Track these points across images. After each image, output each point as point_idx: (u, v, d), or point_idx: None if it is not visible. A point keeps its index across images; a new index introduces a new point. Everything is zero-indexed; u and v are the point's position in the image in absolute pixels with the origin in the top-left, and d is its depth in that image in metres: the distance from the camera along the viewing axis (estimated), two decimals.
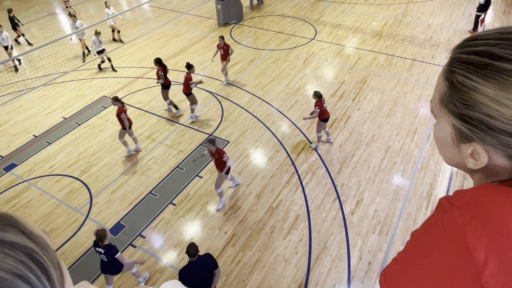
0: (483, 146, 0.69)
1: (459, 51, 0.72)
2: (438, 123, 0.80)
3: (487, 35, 0.70)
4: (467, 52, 0.70)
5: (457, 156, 0.78)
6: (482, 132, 0.68)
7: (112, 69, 11.83)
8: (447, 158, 0.83)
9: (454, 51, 0.74)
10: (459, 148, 0.75)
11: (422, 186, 7.25)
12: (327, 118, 7.91)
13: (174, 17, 15.28)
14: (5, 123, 9.80)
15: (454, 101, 0.71)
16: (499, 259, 0.60)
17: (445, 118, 0.76)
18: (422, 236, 0.73)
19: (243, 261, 6.10)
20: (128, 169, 8.03)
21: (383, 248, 6.18)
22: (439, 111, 0.77)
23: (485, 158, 0.70)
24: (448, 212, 0.68)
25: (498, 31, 0.69)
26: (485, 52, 0.67)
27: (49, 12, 17.28)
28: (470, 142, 0.71)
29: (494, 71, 0.65)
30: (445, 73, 0.74)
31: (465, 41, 0.74)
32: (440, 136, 0.80)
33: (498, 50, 0.65)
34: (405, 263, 0.73)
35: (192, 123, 9.27)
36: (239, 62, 11.81)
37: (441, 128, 0.79)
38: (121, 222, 6.89)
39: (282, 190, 7.33)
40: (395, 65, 11.19)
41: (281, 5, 16.05)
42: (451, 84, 0.71)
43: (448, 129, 0.76)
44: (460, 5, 14.93)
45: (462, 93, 0.69)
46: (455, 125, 0.73)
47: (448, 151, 0.80)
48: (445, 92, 0.73)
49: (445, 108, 0.74)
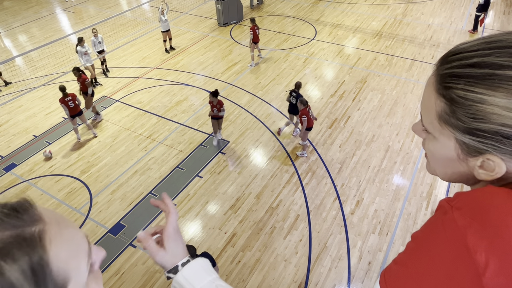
0: (500, 156, 0.67)
1: (447, 67, 0.70)
2: (435, 141, 0.77)
3: (473, 47, 0.68)
4: (460, 66, 0.68)
5: (461, 171, 0.76)
6: (497, 143, 0.66)
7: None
8: (446, 175, 0.81)
9: (440, 68, 0.72)
10: (466, 162, 0.74)
11: (422, 186, 7.25)
12: (311, 127, 7.76)
13: (174, 17, 15.28)
14: (5, 123, 9.80)
15: (459, 117, 0.68)
16: (500, 261, 0.60)
17: (446, 135, 0.73)
18: (423, 237, 0.73)
19: (243, 261, 6.10)
20: (128, 169, 8.03)
21: (383, 248, 6.18)
22: (438, 128, 0.74)
23: (503, 167, 0.68)
24: (448, 214, 0.68)
25: (484, 41, 0.68)
26: (482, 63, 0.65)
27: (49, 12, 17.28)
28: (482, 154, 0.69)
29: (500, 80, 0.63)
30: (438, 90, 0.71)
31: (449, 55, 0.72)
32: (440, 153, 0.78)
33: (496, 59, 0.64)
34: (405, 264, 0.74)
35: (192, 123, 9.27)
36: (239, 62, 11.81)
37: (440, 145, 0.76)
38: (121, 222, 6.89)
39: (282, 190, 7.33)
40: (395, 65, 11.19)
41: (281, 5, 16.06)
42: (451, 100, 0.69)
43: (450, 145, 0.74)
44: (460, 5, 14.93)
45: (467, 107, 0.67)
46: (462, 140, 0.70)
47: (450, 167, 0.78)
48: (444, 109, 0.71)
49: (447, 124, 0.72)
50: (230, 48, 12.73)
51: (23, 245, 0.47)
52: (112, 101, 10.36)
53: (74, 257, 0.53)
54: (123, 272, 6.04)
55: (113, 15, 12.53)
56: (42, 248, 0.48)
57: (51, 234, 0.51)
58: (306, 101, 7.45)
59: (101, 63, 11.58)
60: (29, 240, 0.48)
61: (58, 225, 0.53)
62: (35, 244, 0.48)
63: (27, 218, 0.50)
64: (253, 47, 11.26)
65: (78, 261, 0.54)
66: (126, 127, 9.29)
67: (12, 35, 14.99)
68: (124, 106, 10.08)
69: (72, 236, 0.55)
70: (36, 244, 0.48)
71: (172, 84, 10.92)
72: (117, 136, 9.02)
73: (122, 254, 6.31)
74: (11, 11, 17.39)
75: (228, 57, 12.16)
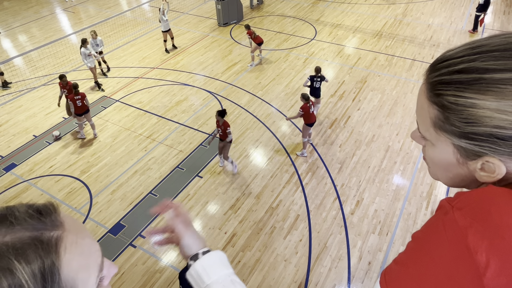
0: (498, 158, 0.68)
1: (436, 74, 0.72)
2: (434, 147, 0.78)
3: (459, 53, 0.70)
4: (448, 73, 0.69)
5: (462, 174, 0.77)
6: (493, 145, 0.66)
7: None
8: (449, 179, 0.82)
9: (429, 76, 0.73)
10: (466, 166, 0.74)
11: (422, 186, 7.25)
12: (313, 123, 7.75)
13: (174, 17, 15.28)
14: (5, 123, 9.80)
15: (453, 122, 0.69)
16: (501, 262, 0.60)
17: (443, 141, 0.74)
18: (423, 237, 0.73)
19: (243, 261, 6.10)
20: (128, 169, 8.03)
21: (383, 248, 6.18)
22: (435, 135, 0.75)
23: (503, 169, 0.69)
24: (449, 214, 0.68)
25: (469, 47, 0.69)
26: (468, 69, 0.66)
27: (49, 12, 17.28)
28: (480, 157, 0.70)
29: (488, 84, 0.64)
30: (430, 98, 0.73)
31: (436, 64, 0.73)
32: (440, 158, 0.78)
33: (481, 64, 0.65)
34: (406, 264, 0.74)
35: (192, 123, 9.27)
36: (239, 62, 11.81)
37: (439, 151, 0.77)
38: (121, 222, 6.89)
39: (282, 190, 7.33)
40: (395, 65, 11.19)
41: (281, 5, 16.06)
42: (443, 106, 0.70)
43: (449, 150, 0.75)
44: (460, 5, 14.94)
45: (459, 112, 0.68)
46: (459, 144, 0.71)
47: (451, 172, 0.79)
48: (438, 116, 0.72)
49: (442, 131, 0.73)
50: (230, 48, 12.73)
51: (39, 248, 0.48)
52: (112, 101, 10.36)
53: (85, 268, 0.54)
54: (123, 272, 6.04)
55: (113, 15, 12.52)
56: (56, 254, 0.50)
57: (67, 242, 0.52)
58: (308, 97, 7.51)
59: (99, 64, 11.55)
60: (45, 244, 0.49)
61: (76, 235, 0.54)
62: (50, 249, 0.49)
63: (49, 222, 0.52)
64: (255, 48, 11.27)
65: (89, 274, 0.55)
66: (126, 127, 9.29)
67: (12, 35, 14.99)
68: (124, 106, 10.08)
69: (87, 247, 0.56)
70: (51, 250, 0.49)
71: (172, 84, 10.92)
72: (117, 136, 9.02)
73: (122, 254, 6.32)
74: (11, 11, 17.38)
75: (228, 57, 12.16)
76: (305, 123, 7.66)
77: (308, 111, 7.48)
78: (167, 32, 12.36)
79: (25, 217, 0.51)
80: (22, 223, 0.50)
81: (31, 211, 0.52)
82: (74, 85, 8.51)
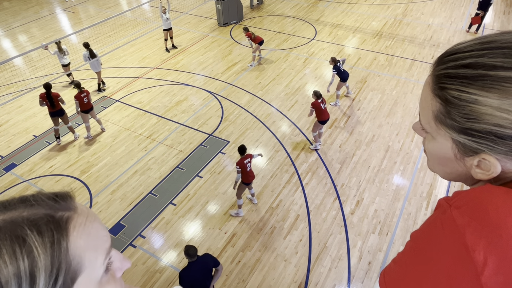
0: (494, 156, 0.68)
1: (443, 67, 0.71)
2: (434, 140, 0.78)
3: (468, 47, 0.68)
4: (454, 67, 0.68)
5: (459, 170, 0.77)
6: (491, 143, 0.66)
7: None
8: (446, 173, 0.82)
9: (436, 69, 0.73)
10: (463, 162, 0.74)
11: (422, 186, 7.25)
12: (326, 120, 7.79)
13: (174, 17, 15.27)
14: (5, 123, 9.80)
15: (453, 117, 0.69)
16: (499, 260, 0.60)
17: (443, 135, 0.74)
18: (422, 236, 0.73)
19: (243, 261, 6.10)
20: (128, 169, 8.03)
21: (383, 248, 6.18)
22: (435, 128, 0.75)
23: (498, 167, 0.68)
24: (447, 213, 0.68)
25: (478, 42, 0.68)
26: (475, 64, 0.66)
27: (49, 12, 17.28)
28: (477, 154, 0.70)
29: (492, 81, 0.63)
30: (434, 91, 0.72)
31: (444, 56, 0.72)
32: (439, 152, 0.78)
33: (489, 60, 0.64)
34: (405, 264, 0.74)
35: (192, 123, 9.27)
36: (239, 62, 11.81)
37: (438, 145, 0.77)
38: (121, 222, 6.90)
39: (282, 190, 7.33)
40: (395, 65, 11.19)
41: (281, 5, 16.06)
42: (446, 100, 0.69)
43: (447, 144, 0.75)
44: (460, 5, 14.94)
45: (461, 108, 0.67)
46: (458, 140, 0.71)
47: (448, 167, 0.79)
48: (439, 109, 0.71)
49: (443, 124, 0.72)
50: (230, 48, 12.73)
51: (51, 222, 0.54)
52: (112, 101, 10.36)
53: (91, 249, 0.58)
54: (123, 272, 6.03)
55: (113, 15, 12.52)
56: (65, 230, 0.55)
57: (76, 222, 0.58)
58: (320, 94, 7.53)
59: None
60: (57, 220, 0.55)
61: (86, 218, 0.60)
62: (60, 224, 0.55)
63: (63, 204, 0.59)
64: (257, 48, 11.26)
65: (96, 255, 0.59)
66: (126, 127, 9.29)
67: (12, 35, 14.99)
68: (124, 106, 10.08)
69: (95, 230, 0.61)
70: (61, 225, 0.55)
71: (172, 84, 10.93)
72: (117, 136, 9.03)
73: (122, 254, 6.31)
74: (11, 11, 17.38)
75: (228, 57, 12.16)
76: (318, 120, 7.74)
77: (320, 108, 7.54)
78: (168, 31, 12.36)
79: (43, 198, 0.58)
80: (40, 203, 0.57)
81: (50, 194, 0.60)
82: (77, 83, 8.57)
